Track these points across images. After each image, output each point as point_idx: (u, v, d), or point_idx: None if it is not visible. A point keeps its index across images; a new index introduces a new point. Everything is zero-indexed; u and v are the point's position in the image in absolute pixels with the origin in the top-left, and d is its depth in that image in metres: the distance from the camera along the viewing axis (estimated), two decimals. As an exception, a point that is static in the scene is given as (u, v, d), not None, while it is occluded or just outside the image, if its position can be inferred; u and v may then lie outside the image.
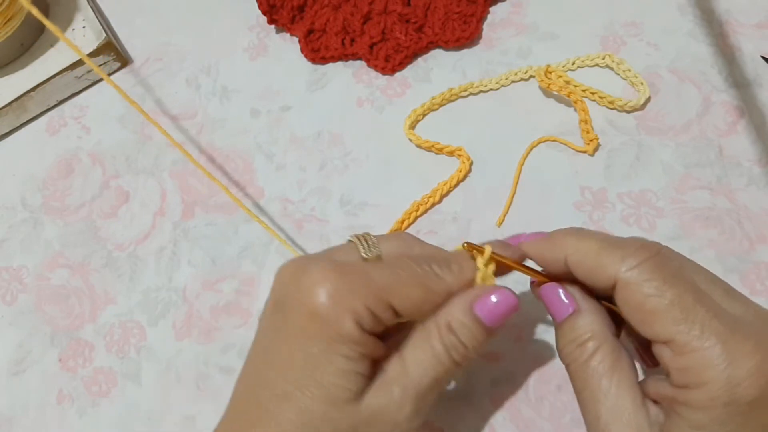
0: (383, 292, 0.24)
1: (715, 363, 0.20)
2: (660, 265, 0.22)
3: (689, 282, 0.22)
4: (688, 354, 0.21)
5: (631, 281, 0.22)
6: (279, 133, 0.43)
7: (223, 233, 0.40)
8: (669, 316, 0.22)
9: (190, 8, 0.49)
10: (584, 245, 0.24)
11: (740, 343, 0.20)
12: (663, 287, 0.22)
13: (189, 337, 0.38)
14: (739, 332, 0.21)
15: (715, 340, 0.21)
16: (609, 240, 0.24)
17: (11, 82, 0.45)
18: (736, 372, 0.20)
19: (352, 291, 0.24)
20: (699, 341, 0.21)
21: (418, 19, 0.43)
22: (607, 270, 0.23)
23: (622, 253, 0.23)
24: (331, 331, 0.23)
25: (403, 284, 0.24)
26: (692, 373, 0.21)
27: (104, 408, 0.37)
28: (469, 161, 0.39)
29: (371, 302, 0.24)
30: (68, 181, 0.43)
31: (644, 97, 0.39)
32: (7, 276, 0.41)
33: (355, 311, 0.23)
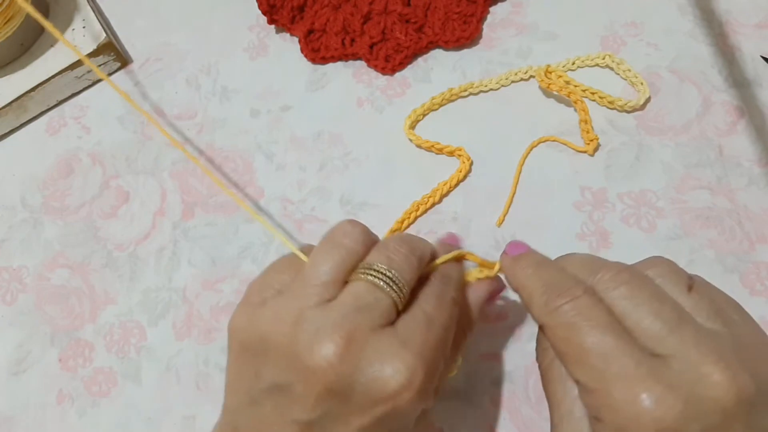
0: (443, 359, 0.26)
1: (608, 404, 0.22)
2: (575, 310, 0.23)
3: (602, 324, 0.23)
4: (590, 393, 0.22)
5: (547, 324, 0.24)
6: (279, 133, 0.43)
7: (223, 233, 0.40)
8: (572, 359, 0.23)
9: (189, 8, 0.49)
10: (529, 283, 0.26)
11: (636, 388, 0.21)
12: (569, 332, 0.23)
13: (189, 337, 0.38)
14: (640, 376, 0.21)
15: (610, 382, 0.22)
16: (552, 279, 0.25)
17: (11, 82, 0.45)
18: (626, 417, 0.21)
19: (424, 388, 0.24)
20: (595, 383, 0.22)
21: (418, 19, 0.43)
22: (533, 310, 0.25)
23: (547, 298, 0.24)
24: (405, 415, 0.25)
25: (450, 337, 0.26)
26: (593, 409, 0.23)
27: (104, 408, 0.37)
28: (469, 161, 0.39)
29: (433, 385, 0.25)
30: (68, 181, 0.43)
31: (644, 97, 0.39)
32: (7, 276, 0.41)
33: (426, 403, 0.25)
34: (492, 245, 0.37)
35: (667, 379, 0.21)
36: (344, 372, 0.23)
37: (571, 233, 0.37)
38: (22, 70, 0.46)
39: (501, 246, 0.37)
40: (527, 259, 0.27)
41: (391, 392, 0.23)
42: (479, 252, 0.37)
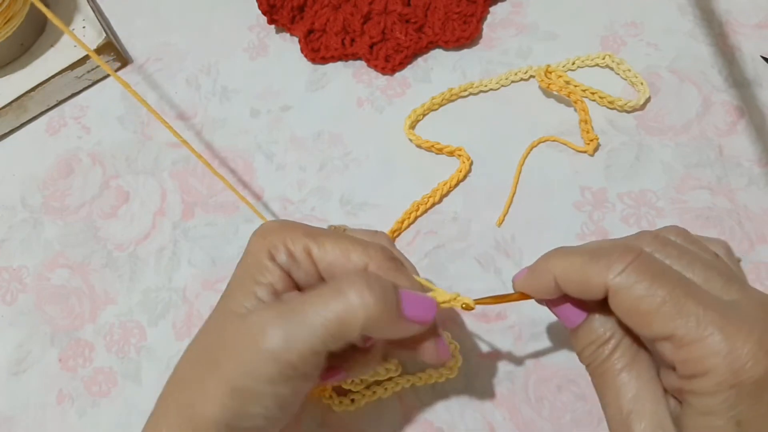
0: (306, 237, 0.27)
1: (716, 350, 0.21)
2: (645, 265, 0.23)
3: (677, 277, 0.23)
4: (689, 346, 0.22)
5: (621, 286, 0.23)
6: (279, 133, 0.43)
7: (223, 233, 0.40)
8: (664, 313, 0.22)
9: (189, 8, 0.49)
10: (569, 263, 0.25)
11: (737, 328, 0.21)
12: (652, 287, 0.22)
13: (189, 337, 0.38)
14: (735, 318, 0.21)
15: (712, 328, 0.21)
16: (592, 251, 0.24)
17: (11, 82, 0.45)
18: (737, 355, 0.21)
19: (276, 229, 0.28)
20: (696, 332, 0.21)
21: (418, 19, 0.43)
22: (596, 280, 0.24)
23: (606, 261, 0.23)
24: (251, 258, 0.27)
25: (325, 239, 0.27)
26: (695, 363, 0.21)
27: (104, 408, 0.37)
28: (469, 161, 0.39)
29: (290, 240, 0.27)
30: (68, 181, 0.43)
31: (644, 97, 0.39)
32: (7, 276, 0.41)
33: (272, 244, 0.27)
34: (492, 245, 0.37)
35: (754, 317, 0.21)
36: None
37: (571, 233, 0.37)
38: (22, 70, 0.46)
39: (501, 246, 0.37)
40: (545, 256, 0.26)
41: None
42: (479, 251, 0.37)
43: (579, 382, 0.33)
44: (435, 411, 0.34)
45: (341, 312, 0.24)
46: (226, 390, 0.25)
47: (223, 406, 0.25)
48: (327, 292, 0.25)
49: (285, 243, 0.27)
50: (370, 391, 0.33)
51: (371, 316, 0.24)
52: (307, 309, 0.25)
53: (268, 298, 0.26)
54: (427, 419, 0.33)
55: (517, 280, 0.27)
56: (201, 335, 0.28)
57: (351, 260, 0.27)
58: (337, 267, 0.27)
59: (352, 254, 0.27)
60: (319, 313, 0.24)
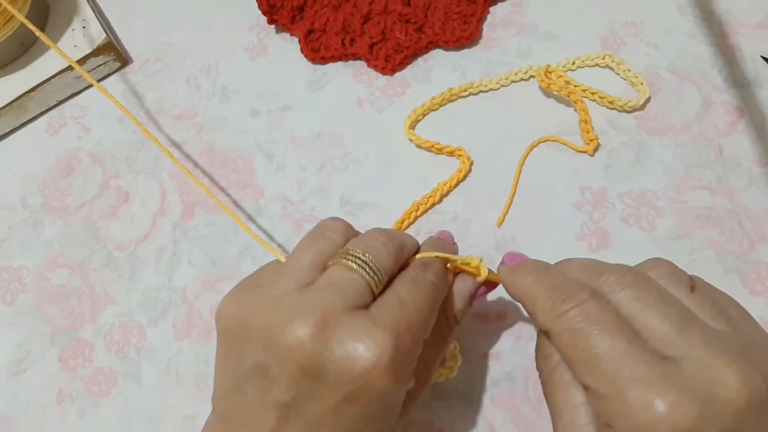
0: (420, 342, 0.26)
1: (620, 411, 0.21)
2: (583, 314, 0.23)
3: (612, 329, 0.22)
4: (600, 399, 0.22)
5: (553, 330, 0.24)
6: (279, 133, 0.43)
7: (223, 233, 0.40)
8: (582, 364, 0.23)
9: (189, 8, 0.49)
10: (531, 289, 0.25)
11: (650, 393, 0.20)
12: (577, 336, 0.23)
13: (189, 337, 0.38)
14: (655, 379, 0.21)
15: (622, 388, 0.21)
16: (555, 284, 0.25)
17: (11, 82, 0.45)
18: (640, 421, 0.20)
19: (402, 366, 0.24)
20: (607, 389, 0.21)
21: (418, 19, 0.43)
22: (538, 316, 0.25)
23: (553, 303, 0.24)
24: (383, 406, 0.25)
25: (427, 320, 0.26)
26: (604, 416, 0.22)
27: (104, 408, 0.37)
28: (469, 161, 0.39)
29: (414, 363, 0.25)
30: (68, 181, 0.43)
31: (644, 97, 0.39)
32: (7, 276, 0.41)
33: (407, 383, 0.25)
34: (492, 245, 0.37)
35: (680, 383, 0.20)
36: (316, 351, 0.23)
37: (571, 233, 0.37)
38: (22, 70, 0.46)
39: (501, 246, 0.37)
40: (527, 267, 0.27)
41: (361, 369, 0.23)
42: (479, 252, 0.37)
43: (579, 382, 0.33)
44: (435, 411, 0.34)
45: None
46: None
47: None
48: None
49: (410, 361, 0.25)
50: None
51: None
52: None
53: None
54: (427, 419, 0.33)
55: (502, 268, 0.28)
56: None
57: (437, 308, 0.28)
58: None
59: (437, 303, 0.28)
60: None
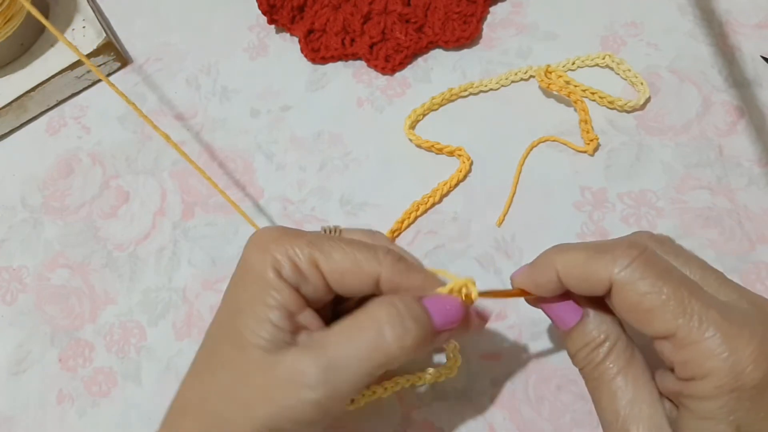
0: (311, 248, 0.25)
1: (716, 352, 0.21)
2: (651, 262, 0.23)
3: (681, 276, 0.23)
4: (689, 346, 0.21)
5: (626, 281, 0.22)
6: (279, 133, 0.43)
7: (223, 233, 0.40)
8: (667, 312, 0.22)
9: (189, 8, 0.49)
10: (572, 257, 0.24)
11: (738, 331, 0.21)
12: (657, 283, 0.22)
13: (189, 337, 0.38)
14: (735, 320, 0.21)
15: (713, 330, 0.21)
16: (596, 246, 0.24)
17: (11, 82, 0.45)
18: (738, 359, 0.20)
19: (278, 241, 0.25)
20: (698, 333, 0.21)
21: (418, 19, 0.43)
22: (600, 275, 0.23)
23: (612, 256, 0.23)
24: (254, 276, 0.25)
25: (333, 248, 0.25)
26: (695, 364, 0.21)
27: (104, 408, 0.37)
28: (469, 161, 0.39)
29: (294, 253, 0.25)
30: (68, 181, 0.43)
31: (644, 97, 0.39)
32: (7, 276, 0.41)
33: (276, 259, 0.25)
34: (492, 245, 0.37)
35: (754, 319, 0.21)
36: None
37: (571, 233, 0.37)
38: (22, 70, 0.46)
39: (501, 246, 0.37)
40: (546, 252, 0.26)
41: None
42: (479, 251, 0.37)
43: (579, 382, 0.33)
44: (435, 411, 0.34)
45: (382, 356, 0.23)
46: (261, 430, 0.23)
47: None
48: (363, 334, 0.24)
49: (289, 256, 0.25)
50: (369, 391, 0.33)
51: (411, 347, 0.23)
52: (348, 355, 0.23)
53: (283, 323, 0.24)
54: (427, 419, 0.33)
55: (516, 277, 0.27)
56: (214, 363, 0.26)
57: (362, 268, 0.25)
58: (347, 277, 0.25)
59: (362, 262, 0.25)
60: (360, 360, 0.23)
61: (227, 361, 0.25)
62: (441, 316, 0.25)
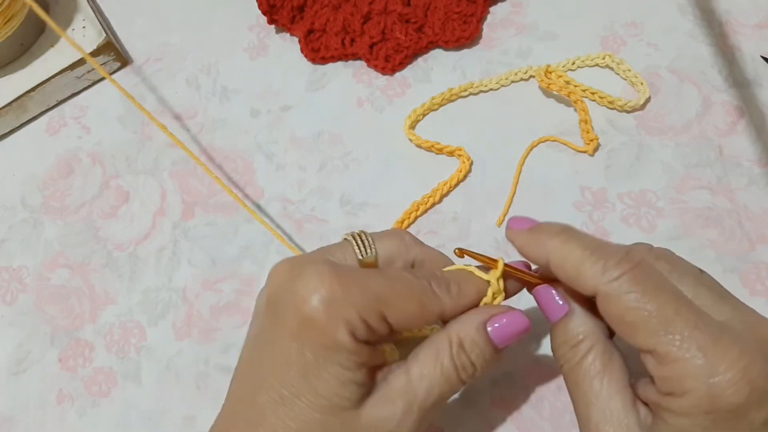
0: (378, 303, 0.24)
1: (696, 373, 0.21)
2: (641, 277, 0.22)
3: (671, 292, 0.22)
4: (670, 364, 0.21)
5: (612, 293, 0.23)
6: (279, 133, 0.43)
7: (223, 233, 0.40)
8: (649, 328, 0.22)
9: (189, 8, 0.49)
10: (567, 251, 0.24)
11: (723, 352, 0.21)
12: (643, 299, 0.22)
13: (189, 337, 0.38)
14: (723, 340, 0.21)
15: (695, 350, 0.21)
16: (592, 246, 0.24)
17: (11, 82, 0.45)
18: (717, 381, 0.20)
19: (347, 299, 0.23)
20: (680, 351, 0.21)
21: (418, 19, 0.43)
22: (588, 280, 0.23)
23: (603, 265, 0.23)
24: (325, 339, 0.23)
25: (399, 297, 0.24)
26: (674, 382, 0.21)
27: (104, 408, 0.37)
28: (469, 161, 0.39)
29: (366, 312, 0.23)
30: (68, 181, 0.43)
31: (644, 97, 0.39)
32: (7, 276, 0.41)
33: (349, 321, 0.23)
34: (492, 245, 0.37)
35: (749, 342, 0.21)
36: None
37: (571, 233, 0.37)
38: (22, 70, 0.46)
39: (501, 246, 0.37)
40: (548, 229, 0.25)
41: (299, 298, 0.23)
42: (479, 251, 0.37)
43: (579, 382, 0.33)
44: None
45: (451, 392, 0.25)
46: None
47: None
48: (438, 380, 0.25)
49: (361, 317, 0.23)
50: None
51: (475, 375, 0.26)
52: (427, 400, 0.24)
53: (364, 378, 0.24)
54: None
55: (511, 230, 0.27)
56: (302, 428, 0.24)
57: (428, 310, 0.25)
58: (415, 322, 0.25)
59: (427, 306, 0.25)
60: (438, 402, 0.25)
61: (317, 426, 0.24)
62: (503, 336, 0.26)
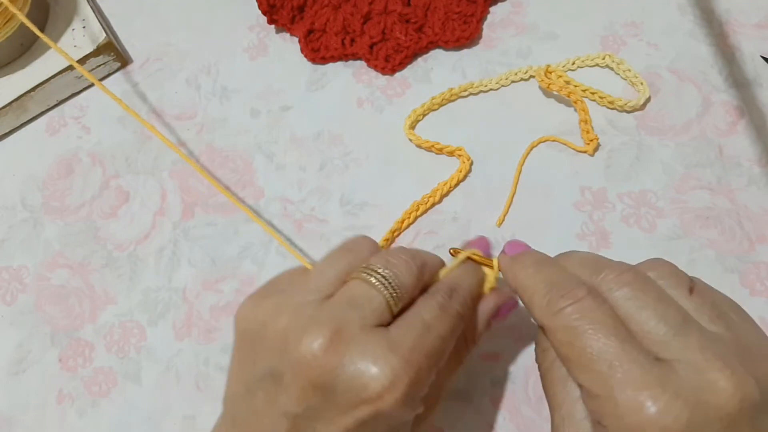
0: (436, 370, 0.25)
1: (611, 413, 0.21)
2: (579, 313, 0.23)
3: (609, 328, 0.22)
4: (593, 399, 0.22)
5: (550, 327, 0.24)
6: (279, 133, 0.43)
7: (223, 233, 0.40)
8: (577, 364, 0.23)
9: (189, 8, 0.49)
10: (529, 283, 0.25)
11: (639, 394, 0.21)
12: (573, 334, 0.23)
13: (189, 337, 0.38)
14: (647, 379, 0.21)
15: (615, 389, 0.21)
16: (553, 281, 0.25)
17: (11, 82, 0.45)
18: (631, 422, 0.21)
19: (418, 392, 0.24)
20: (601, 389, 0.22)
21: (418, 19, 0.43)
22: (534, 312, 0.25)
23: (549, 300, 0.24)
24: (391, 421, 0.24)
25: (446, 349, 0.26)
26: (597, 415, 0.22)
27: (104, 408, 0.37)
28: (469, 161, 0.39)
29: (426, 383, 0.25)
30: (68, 181, 0.43)
31: (644, 97, 0.39)
32: (7, 276, 0.41)
33: (413, 399, 0.24)
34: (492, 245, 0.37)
35: (673, 386, 0.20)
36: (328, 365, 0.23)
37: (571, 233, 0.37)
38: (22, 70, 0.46)
39: (501, 246, 0.37)
40: (527, 258, 0.27)
41: (373, 394, 0.23)
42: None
43: (579, 382, 0.33)
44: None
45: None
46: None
47: None
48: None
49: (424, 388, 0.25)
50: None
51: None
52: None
53: None
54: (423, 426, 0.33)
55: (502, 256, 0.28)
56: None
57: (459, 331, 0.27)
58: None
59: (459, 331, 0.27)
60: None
61: None
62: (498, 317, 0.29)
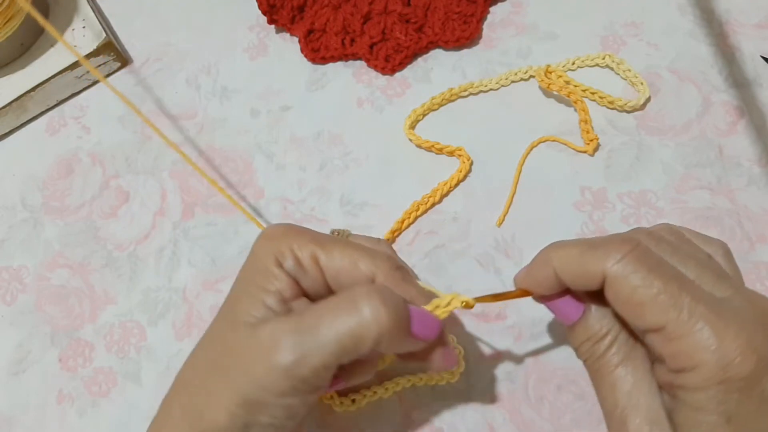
0: (313, 243, 0.27)
1: (704, 345, 0.21)
2: (643, 256, 0.23)
3: (673, 271, 0.23)
4: (678, 339, 0.22)
5: (618, 275, 0.23)
6: (279, 133, 0.43)
7: (223, 233, 0.40)
8: (657, 305, 0.22)
9: (190, 8, 0.49)
10: (567, 252, 0.25)
11: (727, 324, 0.21)
12: (649, 277, 0.23)
13: (189, 337, 0.38)
14: (725, 315, 0.22)
15: (702, 323, 0.21)
16: (590, 242, 0.25)
17: (11, 82, 0.45)
18: (725, 352, 0.21)
19: (283, 234, 0.27)
20: (687, 326, 0.22)
21: (418, 19, 0.43)
22: (593, 269, 0.24)
23: (605, 250, 0.24)
24: (256, 264, 0.27)
25: (333, 246, 0.27)
26: (684, 357, 0.22)
27: (104, 408, 0.37)
28: (469, 161, 0.39)
29: (297, 247, 0.27)
30: (68, 181, 0.43)
31: (644, 97, 0.39)
32: (7, 276, 0.41)
33: (278, 250, 0.27)
34: (492, 245, 0.37)
35: (750, 316, 0.22)
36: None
37: (571, 233, 0.37)
38: (22, 70, 0.46)
39: (501, 246, 0.37)
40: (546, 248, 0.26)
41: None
42: (479, 251, 0.37)
43: (579, 382, 0.33)
44: (435, 411, 0.34)
45: (355, 327, 0.24)
46: (237, 400, 0.24)
47: (233, 415, 0.24)
48: (340, 305, 0.24)
49: (292, 249, 0.27)
50: (370, 391, 0.33)
51: (384, 331, 0.24)
52: (321, 323, 0.24)
53: (277, 306, 0.26)
54: (427, 419, 0.34)
55: (518, 278, 0.28)
56: (207, 341, 0.28)
57: (359, 269, 0.26)
58: (344, 275, 0.27)
59: (359, 263, 0.26)
60: (333, 328, 0.24)
61: (218, 338, 0.27)
62: (419, 324, 0.25)
